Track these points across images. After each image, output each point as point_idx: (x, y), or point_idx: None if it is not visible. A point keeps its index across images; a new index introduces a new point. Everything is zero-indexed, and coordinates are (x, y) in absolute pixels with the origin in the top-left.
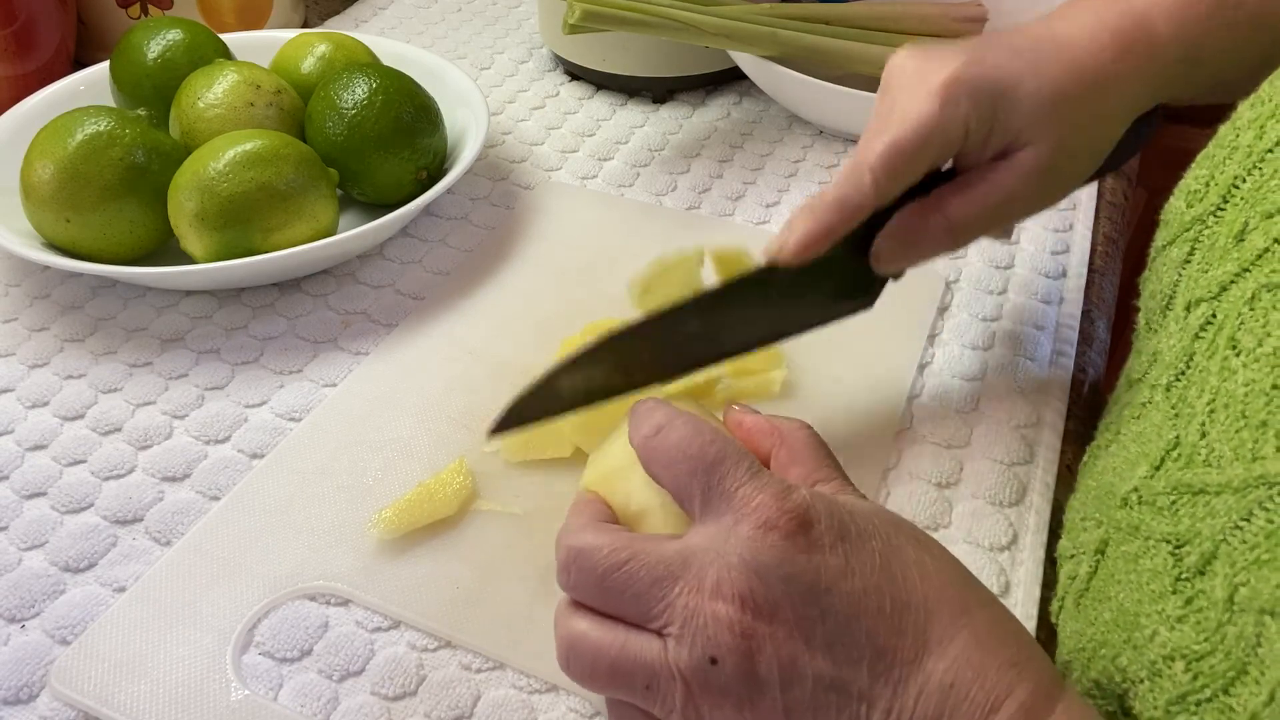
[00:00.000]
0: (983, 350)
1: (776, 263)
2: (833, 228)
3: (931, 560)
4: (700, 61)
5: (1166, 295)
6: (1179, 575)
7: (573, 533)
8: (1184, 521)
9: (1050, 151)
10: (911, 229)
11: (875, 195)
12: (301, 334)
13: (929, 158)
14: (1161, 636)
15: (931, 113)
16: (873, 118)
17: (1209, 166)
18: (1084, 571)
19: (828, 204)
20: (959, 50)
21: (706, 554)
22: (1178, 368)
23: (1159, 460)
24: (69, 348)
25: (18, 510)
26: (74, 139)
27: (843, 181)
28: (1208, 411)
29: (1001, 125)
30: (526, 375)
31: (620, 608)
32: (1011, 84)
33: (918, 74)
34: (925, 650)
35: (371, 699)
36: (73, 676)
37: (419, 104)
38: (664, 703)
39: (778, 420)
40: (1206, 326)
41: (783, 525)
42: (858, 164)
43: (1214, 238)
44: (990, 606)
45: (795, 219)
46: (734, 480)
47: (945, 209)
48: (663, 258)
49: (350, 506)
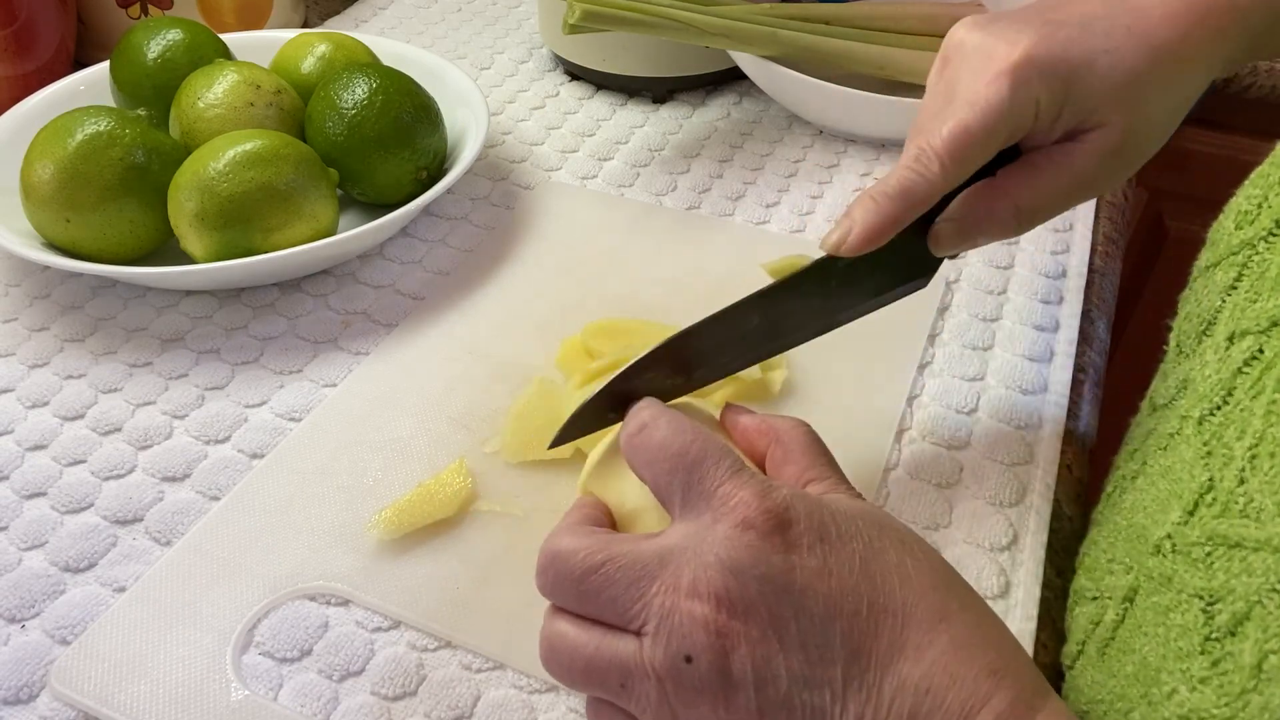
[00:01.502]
0: (983, 350)
1: (837, 254)
2: (898, 218)
3: (914, 564)
4: (700, 61)
5: (1206, 320)
6: (1208, 635)
7: (551, 536)
8: (1218, 576)
9: (1122, 132)
10: (976, 213)
11: (944, 183)
12: (301, 334)
13: (998, 143)
14: (1180, 695)
15: (1002, 96)
16: (930, 96)
17: (1263, 186)
18: (1110, 619)
19: (892, 193)
20: (1026, 23)
21: (684, 553)
22: (1213, 401)
23: (1192, 505)
24: (69, 348)
25: (18, 510)
26: (74, 139)
27: (905, 169)
28: (1249, 457)
29: (1073, 107)
30: (527, 375)
31: (598, 610)
32: (1085, 63)
33: (983, 52)
34: (901, 654)
35: (371, 699)
36: (73, 676)
37: (419, 104)
38: (639, 701)
39: (774, 419)
40: (1252, 362)
41: (760, 524)
42: (923, 150)
43: (1265, 265)
44: (973, 611)
45: (855, 209)
46: (714, 479)
47: (1012, 193)
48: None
49: (350, 507)
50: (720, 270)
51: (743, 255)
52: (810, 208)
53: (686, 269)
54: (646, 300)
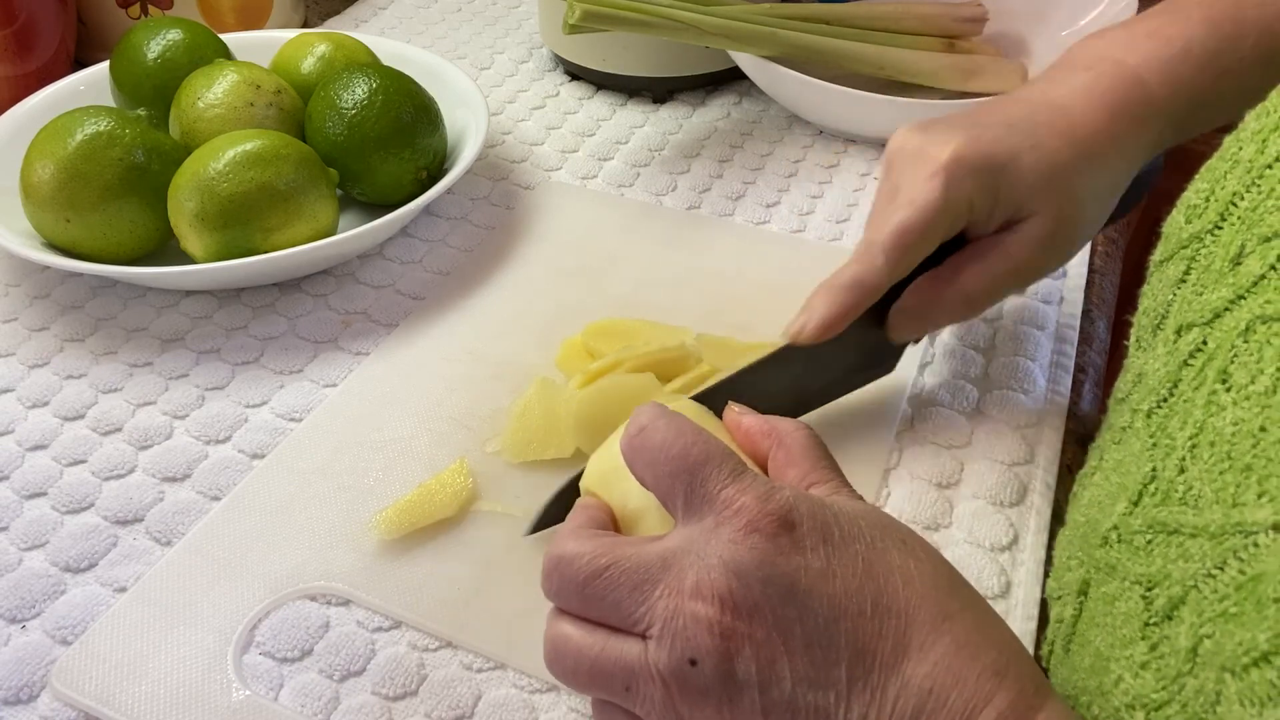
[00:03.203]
0: (983, 350)
1: (797, 343)
2: (850, 307)
3: (917, 565)
4: (700, 61)
5: (1159, 314)
6: (1147, 620)
7: (556, 540)
8: (1157, 562)
9: (1054, 219)
10: (927, 301)
11: (889, 274)
12: (302, 334)
13: (937, 236)
14: (1126, 683)
15: (936, 194)
16: (878, 195)
17: (1210, 180)
18: (1069, 614)
19: (843, 285)
20: (956, 126)
21: (687, 556)
22: (1160, 394)
23: (1137, 495)
24: (69, 348)
25: (18, 510)
26: (74, 139)
27: (856, 262)
28: (1189, 446)
29: (1005, 199)
30: (527, 375)
31: (602, 614)
32: (1011, 159)
33: (919, 154)
34: (905, 654)
35: (372, 699)
36: (73, 677)
37: (419, 104)
38: (644, 704)
39: (776, 421)
40: (1196, 354)
41: (764, 527)
42: (870, 244)
43: (1210, 258)
44: (976, 611)
45: (813, 300)
46: (717, 482)
47: (959, 280)
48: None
49: (351, 507)
50: (720, 270)
51: (743, 255)
52: (810, 208)
53: (686, 269)
54: (647, 300)
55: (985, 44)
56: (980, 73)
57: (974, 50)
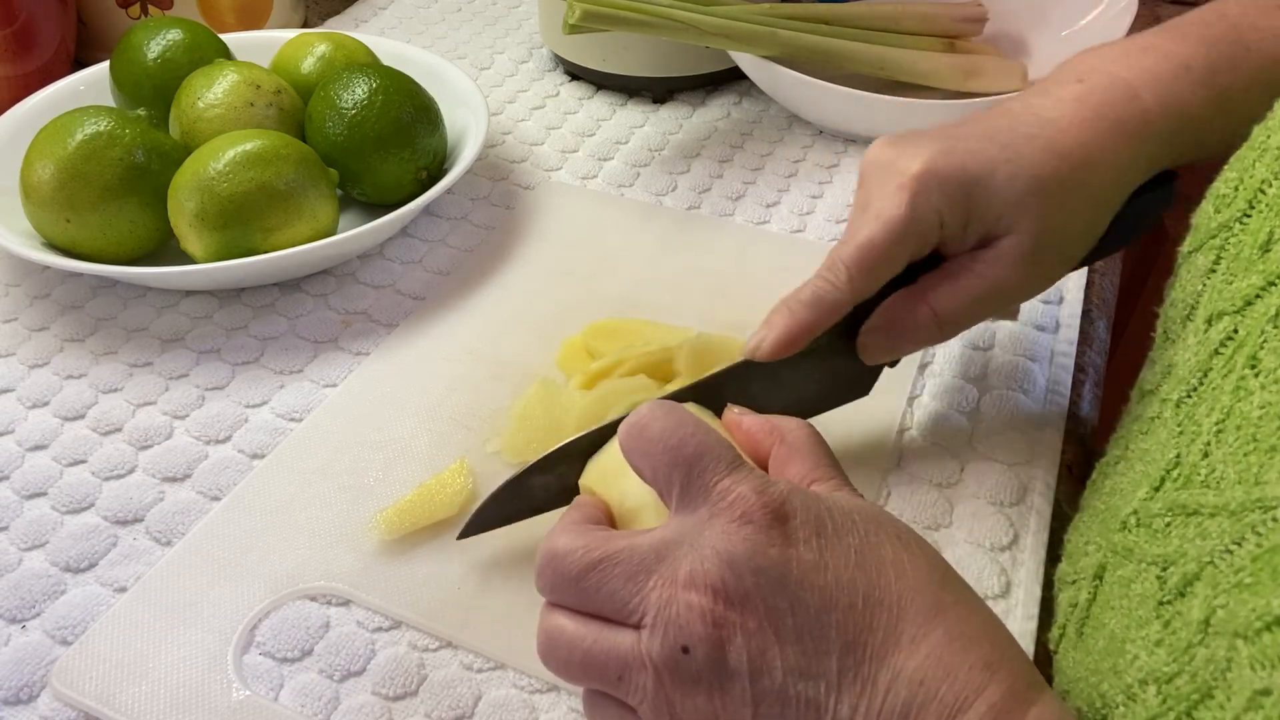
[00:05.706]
0: (983, 350)
1: (754, 359)
2: (809, 325)
3: (910, 559)
4: (700, 61)
5: (1189, 305)
6: (1161, 599)
7: (550, 536)
8: (1174, 542)
9: (1033, 238)
10: (897, 321)
11: (851, 293)
12: (302, 334)
13: (904, 253)
14: (1140, 661)
15: (902, 210)
16: (852, 211)
17: (1239, 169)
18: (1084, 599)
19: (804, 301)
20: (932, 138)
21: (681, 546)
22: (1190, 384)
23: (1159, 480)
24: (69, 348)
25: (18, 510)
26: (74, 139)
27: (818, 278)
28: (1214, 431)
29: (978, 214)
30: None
31: (597, 606)
32: (985, 172)
33: (889, 167)
34: (896, 647)
35: (372, 699)
36: (73, 677)
37: (419, 104)
38: (636, 693)
39: (777, 419)
40: (1226, 342)
41: (758, 518)
42: (833, 260)
43: (1239, 246)
44: (968, 605)
45: (773, 316)
46: (713, 474)
47: (931, 300)
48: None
49: (351, 507)
50: (720, 270)
51: (743, 255)
52: (810, 208)
53: (686, 269)
54: (647, 300)
55: (985, 44)
56: (980, 73)
57: (974, 50)
